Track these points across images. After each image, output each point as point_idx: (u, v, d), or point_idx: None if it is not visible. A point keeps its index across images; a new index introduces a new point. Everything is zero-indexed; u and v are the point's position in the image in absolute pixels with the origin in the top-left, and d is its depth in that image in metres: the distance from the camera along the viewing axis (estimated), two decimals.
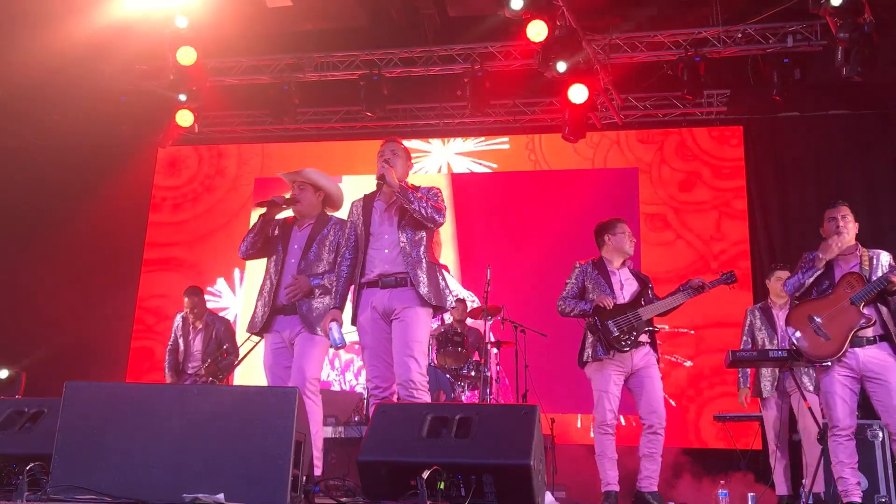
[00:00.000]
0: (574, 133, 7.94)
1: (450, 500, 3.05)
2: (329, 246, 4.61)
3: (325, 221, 4.69)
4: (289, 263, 4.57)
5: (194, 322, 6.97)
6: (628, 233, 5.32)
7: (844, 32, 6.90)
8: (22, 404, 3.93)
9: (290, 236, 4.67)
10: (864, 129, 8.36)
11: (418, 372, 4.07)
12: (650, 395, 5.02)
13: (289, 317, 4.48)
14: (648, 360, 5.10)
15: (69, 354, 8.76)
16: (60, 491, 2.98)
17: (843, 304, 4.45)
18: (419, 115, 9.44)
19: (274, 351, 4.51)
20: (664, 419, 5.03)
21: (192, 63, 7.73)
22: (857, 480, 4.43)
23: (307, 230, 4.65)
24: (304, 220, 4.70)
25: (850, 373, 4.42)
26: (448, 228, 9.01)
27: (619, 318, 5.07)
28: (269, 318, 4.51)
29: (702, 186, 8.74)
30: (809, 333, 4.51)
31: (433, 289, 4.17)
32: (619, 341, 5.02)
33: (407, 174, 4.43)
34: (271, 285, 4.56)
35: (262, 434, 3.00)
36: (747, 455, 6.81)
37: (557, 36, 7.14)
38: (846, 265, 4.58)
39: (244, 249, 4.71)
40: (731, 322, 7.60)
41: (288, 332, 4.47)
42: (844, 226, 4.59)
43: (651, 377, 5.06)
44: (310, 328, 4.40)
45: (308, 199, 4.71)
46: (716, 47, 7.84)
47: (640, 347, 5.07)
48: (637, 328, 5.06)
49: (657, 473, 5.01)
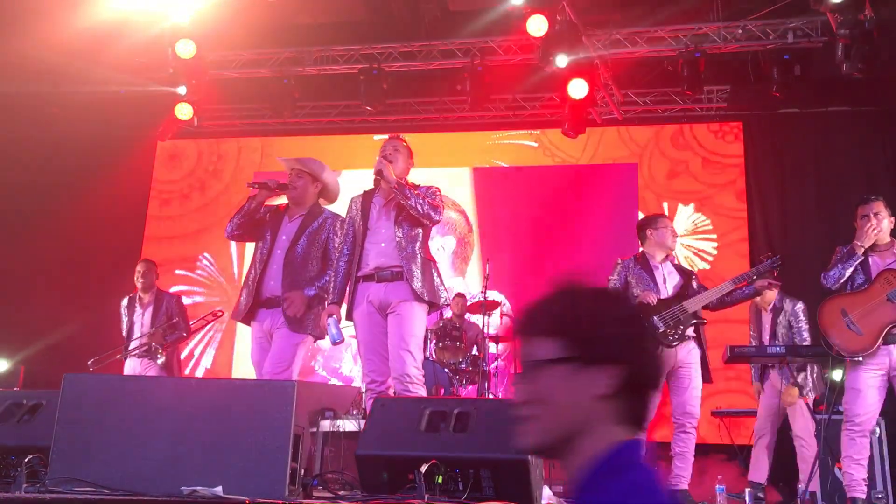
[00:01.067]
0: (574, 128, 7.94)
1: (448, 494, 3.05)
2: (319, 244, 4.54)
3: (318, 214, 4.63)
4: (275, 254, 4.51)
5: (141, 295, 6.81)
6: (671, 227, 5.29)
7: (845, 29, 6.89)
8: (20, 396, 3.94)
9: (279, 225, 4.61)
10: (865, 125, 8.35)
11: (413, 366, 4.07)
12: (686, 395, 4.94)
13: (271, 310, 4.45)
14: (692, 356, 5.01)
15: (68, 347, 8.74)
16: (58, 483, 2.99)
17: (878, 300, 4.40)
18: (419, 110, 9.43)
19: (258, 345, 4.48)
20: (697, 419, 4.97)
21: (191, 56, 7.71)
22: (863, 476, 4.42)
23: (298, 221, 4.59)
24: (296, 209, 4.65)
25: (880, 371, 4.39)
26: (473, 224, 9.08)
27: (664, 312, 4.98)
28: (251, 308, 4.47)
29: (701, 182, 8.73)
30: (842, 328, 4.47)
31: (427, 284, 4.18)
32: (667, 336, 4.94)
33: (408, 172, 4.44)
34: (255, 274, 4.51)
35: (261, 427, 3.00)
36: (745, 450, 6.81)
37: (558, 31, 7.12)
38: (882, 261, 4.54)
39: (230, 230, 4.65)
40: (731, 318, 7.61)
41: (269, 323, 4.43)
42: (878, 223, 4.53)
43: (690, 377, 4.97)
44: (290, 325, 4.36)
45: (304, 187, 4.65)
46: (716, 43, 7.82)
47: (685, 342, 5.00)
48: (683, 322, 4.98)
49: (688, 472, 4.98)
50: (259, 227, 4.66)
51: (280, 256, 4.50)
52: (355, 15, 8.36)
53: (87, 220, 9.37)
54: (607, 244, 8.37)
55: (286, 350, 4.34)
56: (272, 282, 4.47)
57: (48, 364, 8.34)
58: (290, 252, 4.49)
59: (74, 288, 9.11)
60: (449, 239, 9.11)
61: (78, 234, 9.35)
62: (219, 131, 9.87)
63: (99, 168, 9.43)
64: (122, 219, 9.59)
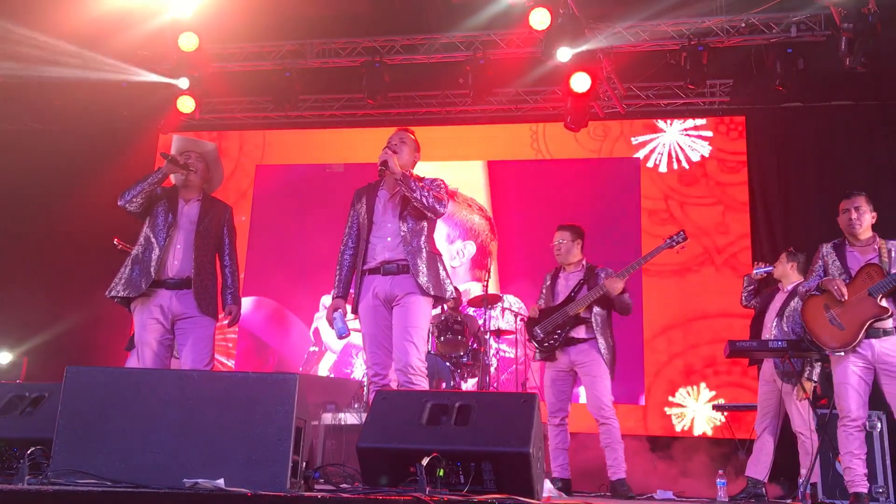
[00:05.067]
0: (576, 122, 7.92)
1: (449, 487, 3.06)
2: (213, 232, 4.60)
3: (213, 204, 4.70)
4: (178, 237, 4.49)
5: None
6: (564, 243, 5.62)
7: (848, 22, 6.88)
8: (23, 388, 3.95)
9: (177, 208, 4.57)
10: (868, 119, 8.31)
11: (417, 357, 4.07)
12: (592, 391, 5.37)
13: (174, 291, 4.40)
14: (586, 355, 5.39)
15: (70, 339, 8.77)
16: (61, 475, 3.00)
17: (860, 295, 4.42)
18: (421, 103, 9.41)
19: (151, 326, 4.38)
20: (609, 409, 5.33)
21: (193, 49, 7.70)
22: (864, 471, 4.43)
23: (195, 206, 4.61)
24: (189, 192, 4.65)
25: (864, 364, 4.40)
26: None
27: (545, 321, 5.50)
28: (149, 287, 4.39)
29: (703, 177, 8.71)
30: (824, 323, 4.50)
31: (432, 278, 4.17)
32: (544, 343, 5.47)
33: (413, 164, 4.43)
34: (156, 253, 4.42)
35: (263, 419, 3.01)
36: (745, 444, 6.82)
37: (560, 24, 7.11)
38: (862, 256, 4.56)
39: (129, 199, 4.52)
40: (731, 313, 7.62)
41: (172, 306, 4.39)
42: (859, 218, 4.57)
43: (591, 374, 5.37)
44: (203, 308, 4.41)
45: (201, 174, 4.69)
46: (719, 37, 7.80)
47: (573, 344, 5.42)
48: (563, 325, 5.42)
49: (620, 461, 5.33)
50: (152, 204, 4.58)
51: (187, 241, 4.48)
52: (357, 7, 8.35)
53: (89, 213, 9.34)
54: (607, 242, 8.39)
55: (208, 340, 4.44)
56: (176, 262, 4.45)
57: (50, 356, 8.37)
58: (198, 237, 4.50)
59: (76, 280, 9.10)
60: (469, 245, 9.05)
61: (80, 226, 9.33)
62: (221, 124, 9.85)
63: (101, 160, 9.40)
64: (123, 211, 9.56)
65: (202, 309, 4.41)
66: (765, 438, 5.60)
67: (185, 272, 4.44)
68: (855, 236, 4.62)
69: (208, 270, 4.54)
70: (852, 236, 4.63)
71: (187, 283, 4.42)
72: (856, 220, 4.57)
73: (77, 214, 9.34)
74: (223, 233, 4.69)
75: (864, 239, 4.61)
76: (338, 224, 4.65)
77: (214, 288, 4.57)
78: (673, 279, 8.45)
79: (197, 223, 4.54)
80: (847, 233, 4.65)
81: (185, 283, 4.42)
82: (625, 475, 5.34)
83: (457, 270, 8.82)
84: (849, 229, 4.62)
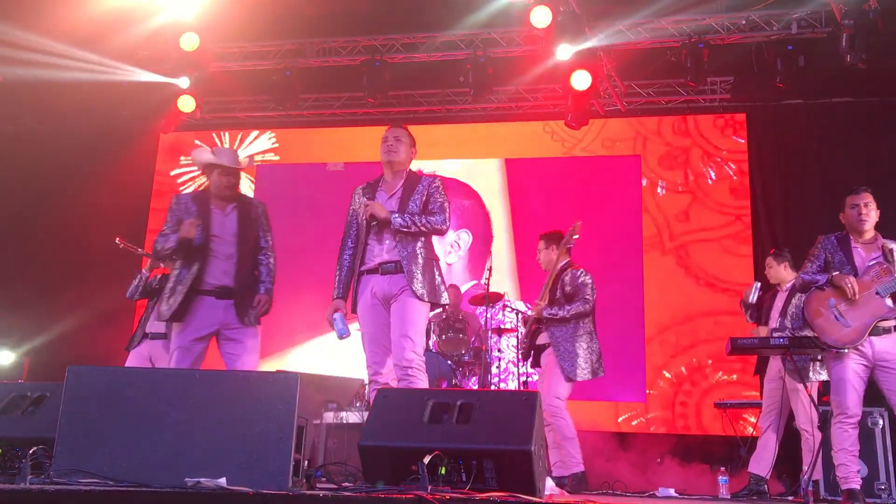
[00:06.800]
0: (577, 120, 7.91)
1: (451, 485, 3.06)
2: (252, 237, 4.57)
3: (249, 203, 4.69)
4: (217, 250, 4.43)
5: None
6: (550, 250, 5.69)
7: (849, 19, 6.87)
8: (25, 388, 3.96)
9: (210, 219, 4.46)
10: (868, 116, 8.31)
11: (412, 350, 4.06)
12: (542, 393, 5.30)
13: (220, 301, 4.38)
14: (544, 358, 5.54)
15: (71, 339, 8.77)
16: (63, 474, 3.00)
17: (868, 294, 4.41)
18: (421, 102, 9.41)
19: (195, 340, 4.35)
20: (554, 407, 5.30)
21: (194, 49, 7.70)
22: (857, 468, 4.43)
23: (233, 216, 4.54)
24: (225, 202, 4.57)
25: (863, 361, 4.40)
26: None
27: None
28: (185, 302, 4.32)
29: (703, 174, 8.70)
30: (829, 318, 4.49)
31: (427, 284, 4.16)
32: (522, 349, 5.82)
33: (411, 160, 4.43)
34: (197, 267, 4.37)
35: (265, 419, 3.01)
36: (748, 442, 6.82)
37: (561, 22, 7.11)
38: (867, 254, 4.54)
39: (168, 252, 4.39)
40: (731, 310, 7.61)
41: (220, 318, 4.38)
42: (867, 213, 4.56)
43: (544, 373, 5.51)
44: (245, 318, 4.41)
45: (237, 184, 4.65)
46: (719, 34, 7.80)
47: (542, 351, 5.58)
48: (528, 336, 5.67)
49: (570, 456, 5.30)
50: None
51: (229, 254, 4.44)
52: (358, 6, 8.34)
53: (89, 213, 9.37)
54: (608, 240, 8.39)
55: (256, 349, 4.46)
56: (221, 273, 4.41)
57: (52, 356, 8.37)
58: (239, 247, 4.46)
59: (77, 280, 9.11)
60: (464, 234, 9.00)
61: (81, 226, 9.34)
62: (221, 123, 9.86)
63: (101, 160, 9.42)
64: (124, 211, 9.57)
65: (243, 319, 4.41)
66: (768, 435, 5.60)
67: (230, 282, 4.42)
68: (861, 232, 4.60)
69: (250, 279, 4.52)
70: (858, 232, 4.61)
71: (229, 292, 4.40)
72: (864, 216, 4.56)
73: (78, 214, 9.35)
74: (258, 232, 4.63)
75: (868, 236, 4.60)
76: (338, 223, 4.63)
77: (254, 297, 4.51)
78: (674, 276, 8.45)
79: (238, 237, 4.49)
80: (853, 228, 4.62)
81: (227, 292, 4.40)
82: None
83: (453, 268, 8.78)
84: (857, 225, 4.59)
